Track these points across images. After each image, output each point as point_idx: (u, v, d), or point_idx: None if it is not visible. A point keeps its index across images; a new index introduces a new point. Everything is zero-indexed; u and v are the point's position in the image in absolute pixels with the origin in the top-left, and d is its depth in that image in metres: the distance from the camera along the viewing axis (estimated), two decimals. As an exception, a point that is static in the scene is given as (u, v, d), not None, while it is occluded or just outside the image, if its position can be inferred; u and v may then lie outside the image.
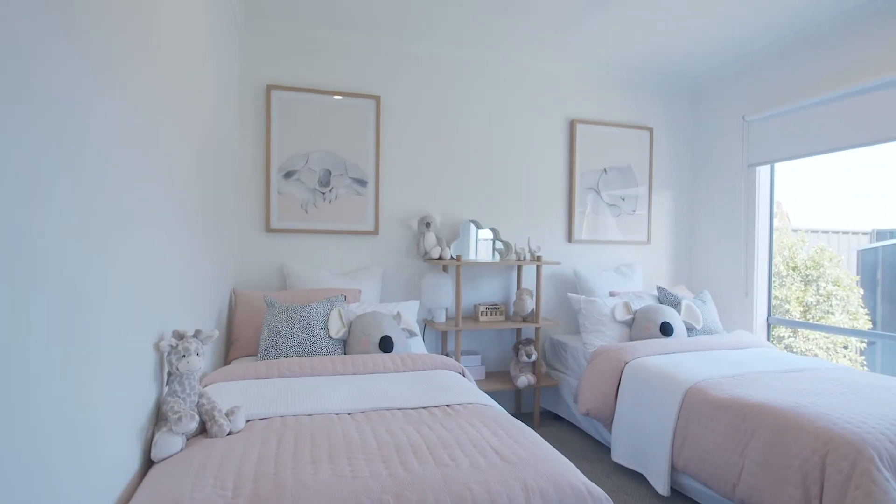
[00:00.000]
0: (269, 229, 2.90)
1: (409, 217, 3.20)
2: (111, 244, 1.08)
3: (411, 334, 2.58)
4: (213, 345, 2.26)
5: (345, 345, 2.36)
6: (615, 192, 3.72)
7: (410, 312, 2.79)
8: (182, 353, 1.36)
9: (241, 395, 1.69)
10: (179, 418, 1.28)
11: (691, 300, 3.22)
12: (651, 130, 3.81)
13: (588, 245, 3.67)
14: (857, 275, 4.55)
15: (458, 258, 2.98)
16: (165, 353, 1.37)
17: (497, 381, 3.14)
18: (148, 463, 1.29)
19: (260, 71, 2.90)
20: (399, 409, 1.67)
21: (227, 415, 1.39)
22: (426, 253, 3.10)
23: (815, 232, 5.11)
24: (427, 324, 3.13)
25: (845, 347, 4.27)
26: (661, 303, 3.26)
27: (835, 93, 2.85)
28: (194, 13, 1.83)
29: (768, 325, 3.47)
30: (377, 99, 3.10)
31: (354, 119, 3.06)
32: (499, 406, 1.78)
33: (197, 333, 1.42)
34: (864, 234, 5.11)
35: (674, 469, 2.24)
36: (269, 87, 2.89)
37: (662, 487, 2.24)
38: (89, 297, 0.98)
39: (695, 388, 2.21)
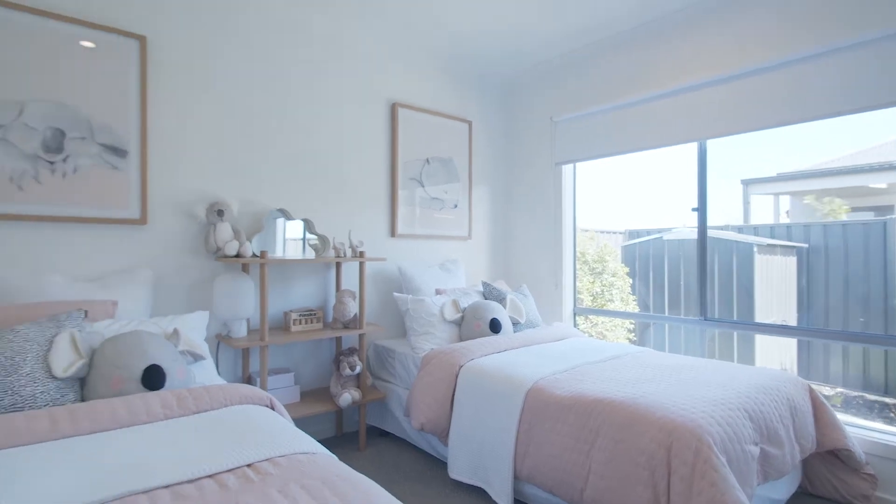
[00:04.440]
0: (-56, 214, 1.85)
1: (193, 202, 2.45)
2: None
3: (196, 358, 1.90)
4: None
5: (83, 386, 1.58)
6: (438, 185, 3.53)
7: (196, 328, 2.09)
8: None
9: None
10: None
11: (514, 294, 3.19)
12: (470, 123, 3.73)
13: (412, 240, 3.40)
14: (625, 267, 5.30)
15: (264, 255, 2.37)
16: None
17: (315, 402, 2.62)
18: None
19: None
20: (166, 486, 1.07)
21: None
22: (219, 249, 2.41)
23: (590, 231, 5.85)
24: (221, 341, 2.43)
25: (629, 330, 4.89)
26: (486, 298, 3.16)
27: (626, 100, 3.10)
28: None
29: (574, 315, 3.69)
30: (142, 40, 2.28)
31: (106, 63, 2.19)
32: (326, 452, 1.31)
33: None
34: (621, 233, 6.04)
35: (517, 479, 2.07)
36: (-58, -8, 1.84)
37: (505, 500, 2.05)
38: None
39: (535, 389, 2.07)
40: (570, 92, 3.49)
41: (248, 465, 1.17)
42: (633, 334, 4.97)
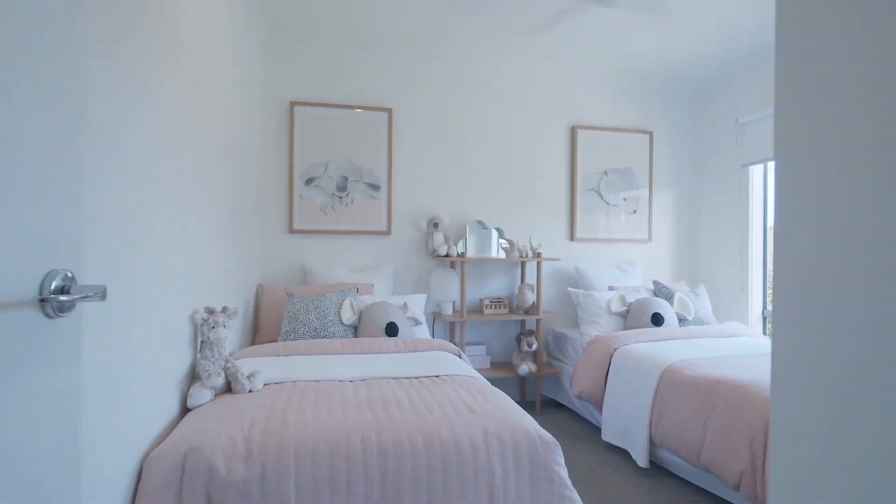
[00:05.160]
0: (291, 230, 3.25)
1: (418, 218, 3.50)
2: (142, 237, 1.41)
3: (416, 323, 2.86)
4: (240, 331, 2.60)
5: (355, 331, 2.67)
6: (616, 193, 3.91)
7: (417, 304, 3.08)
8: (212, 325, 1.69)
9: (262, 366, 2.00)
10: (209, 375, 1.60)
11: (685, 293, 3.38)
12: (651, 134, 3.99)
13: (590, 243, 3.88)
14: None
15: (464, 255, 3.25)
16: (199, 325, 1.70)
17: (501, 369, 3.38)
18: (185, 410, 1.61)
19: (284, 88, 3.27)
20: (393, 377, 1.95)
21: (248, 377, 1.71)
22: (434, 251, 3.38)
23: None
24: (436, 316, 3.41)
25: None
26: (655, 296, 3.43)
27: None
28: (226, 40, 2.18)
29: (763, 319, 3.58)
30: (389, 111, 3.42)
31: (369, 130, 3.39)
32: (483, 378, 2.04)
33: (224, 309, 1.75)
34: None
35: (652, 444, 2.43)
36: (293, 104, 3.24)
37: (642, 460, 2.44)
38: (131, 279, 1.30)
39: (670, 369, 2.40)
40: (758, 90, 3.46)
41: (436, 376, 1.99)
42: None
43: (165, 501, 1.21)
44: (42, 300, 0.57)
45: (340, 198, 3.32)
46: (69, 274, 0.61)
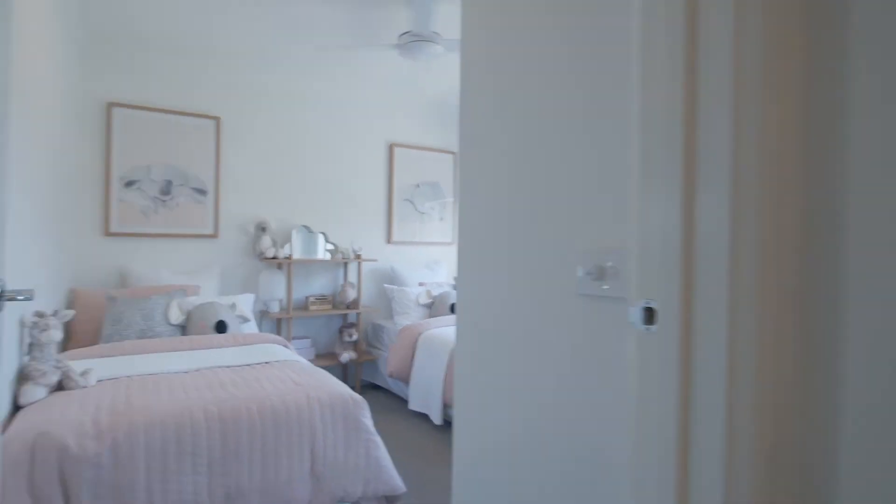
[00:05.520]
0: (108, 233, 3.18)
1: (246, 222, 3.71)
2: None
3: (245, 320, 3.12)
4: (53, 335, 2.55)
5: (183, 329, 2.83)
6: (426, 203, 4.64)
7: (245, 303, 3.32)
8: (43, 328, 1.79)
9: (90, 366, 2.11)
10: (44, 373, 1.72)
11: (477, 288, 4.24)
12: (454, 154, 4.81)
13: (404, 246, 4.53)
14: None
15: (290, 258, 3.58)
16: (29, 327, 1.78)
17: (325, 359, 3.81)
18: (16, 408, 1.70)
19: (101, 89, 3.17)
20: (227, 366, 2.26)
21: (81, 374, 1.85)
22: (262, 253, 3.64)
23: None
24: (263, 314, 3.66)
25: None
26: (455, 289, 4.22)
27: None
28: (42, 41, 2.18)
29: (534, 305, 4.67)
30: (218, 120, 3.56)
31: (196, 136, 3.48)
32: (306, 361, 2.46)
33: (55, 313, 1.85)
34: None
35: (446, 405, 3.14)
36: (110, 105, 3.18)
37: (438, 419, 3.14)
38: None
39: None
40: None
41: (266, 362, 2.35)
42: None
43: (17, 480, 1.39)
44: None
45: (164, 201, 3.36)
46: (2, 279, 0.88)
